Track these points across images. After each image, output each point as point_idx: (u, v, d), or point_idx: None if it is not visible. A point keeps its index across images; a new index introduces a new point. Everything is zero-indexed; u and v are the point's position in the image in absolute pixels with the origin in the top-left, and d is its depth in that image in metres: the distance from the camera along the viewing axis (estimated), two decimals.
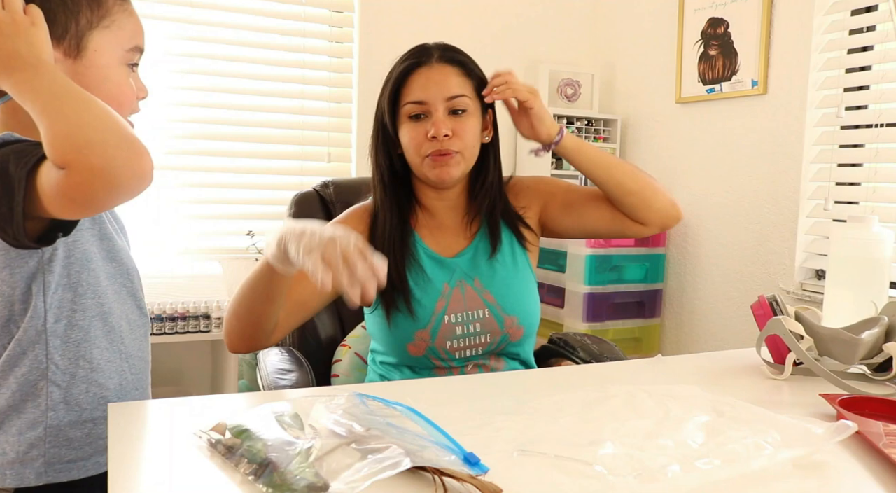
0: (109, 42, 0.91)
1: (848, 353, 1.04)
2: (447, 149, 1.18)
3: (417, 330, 1.20)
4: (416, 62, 1.20)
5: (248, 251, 2.67)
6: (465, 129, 1.20)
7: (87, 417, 0.93)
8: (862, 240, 1.33)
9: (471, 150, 1.22)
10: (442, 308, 1.21)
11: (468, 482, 0.61)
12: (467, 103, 1.20)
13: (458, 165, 1.20)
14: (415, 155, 1.20)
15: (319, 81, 2.80)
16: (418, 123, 1.19)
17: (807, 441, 0.72)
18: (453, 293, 1.23)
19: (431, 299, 1.21)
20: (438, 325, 1.20)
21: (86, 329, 0.93)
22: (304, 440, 0.67)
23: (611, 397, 0.88)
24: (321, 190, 1.58)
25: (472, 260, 1.27)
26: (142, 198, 0.91)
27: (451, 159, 1.19)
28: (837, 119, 2.21)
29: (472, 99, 1.21)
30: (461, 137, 1.19)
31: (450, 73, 1.20)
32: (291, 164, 2.80)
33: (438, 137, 1.17)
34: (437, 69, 1.20)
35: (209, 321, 2.40)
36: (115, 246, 0.97)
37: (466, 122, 1.20)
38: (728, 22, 2.57)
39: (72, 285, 0.91)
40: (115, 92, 0.92)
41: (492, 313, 1.23)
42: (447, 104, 1.19)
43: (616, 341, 2.67)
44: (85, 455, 0.94)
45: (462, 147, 1.20)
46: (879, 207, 2.12)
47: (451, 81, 1.20)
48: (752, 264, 2.51)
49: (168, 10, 2.54)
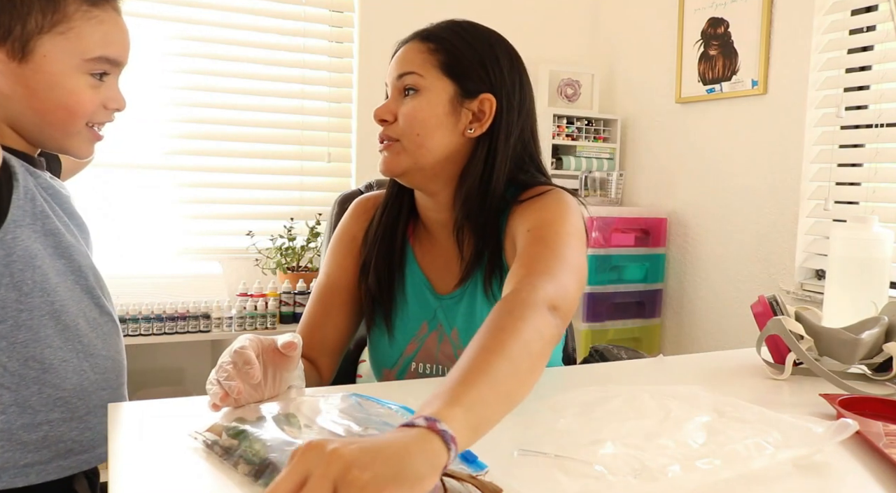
0: (63, 50, 0.88)
1: (848, 353, 1.04)
2: (383, 135, 1.01)
3: (385, 368, 1.10)
4: (403, 40, 1.05)
5: (248, 251, 2.67)
6: (406, 112, 0.99)
7: (43, 419, 0.91)
8: (862, 240, 1.33)
9: (414, 139, 0.98)
10: (412, 352, 1.08)
11: (468, 482, 0.61)
12: (417, 81, 0.99)
13: (398, 156, 1.00)
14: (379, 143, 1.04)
15: (319, 81, 2.80)
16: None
17: (807, 441, 0.71)
18: (428, 338, 1.07)
19: (405, 336, 1.07)
20: (404, 371, 1.09)
21: (34, 329, 0.90)
22: (302, 440, 0.67)
23: (611, 397, 0.88)
24: (365, 190, 1.57)
25: (456, 306, 1.05)
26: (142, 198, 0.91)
27: (388, 148, 1.01)
28: (837, 119, 2.21)
29: (430, 77, 0.99)
30: (401, 121, 0.99)
31: (413, 49, 1.01)
32: (291, 164, 2.79)
33: (375, 120, 1.01)
34: (408, 47, 1.02)
35: (209, 321, 2.40)
36: (64, 242, 0.94)
37: (408, 103, 0.99)
38: (728, 22, 2.57)
39: (15, 284, 0.88)
40: (66, 100, 0.90)
41: None
42: (397, 83, 1.01)
43: (616, 341, 2.67)
44: (44, 459, 0.91)
45: (399, 134, 0.99)
46: (879, 207, 2.12)
47: (407, 57, 1.00)
48: (752, 264, 2.51)
49: (168, 10, 2.54)
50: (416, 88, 0.99)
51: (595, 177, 2.99)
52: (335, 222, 1.48)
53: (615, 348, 1.44)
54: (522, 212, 0.98)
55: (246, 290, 2.52)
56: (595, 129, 3.08)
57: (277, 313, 2.52)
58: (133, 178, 2.54)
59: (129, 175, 2.53)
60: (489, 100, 1.00)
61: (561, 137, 3.00)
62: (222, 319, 2.42)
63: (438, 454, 0.54)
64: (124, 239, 2.52)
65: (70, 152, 0.97)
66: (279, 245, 2.65)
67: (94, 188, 2.45)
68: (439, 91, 0.99)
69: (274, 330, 2.48)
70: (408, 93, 1.00)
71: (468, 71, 1.00)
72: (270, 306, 2.50)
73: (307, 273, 2.62)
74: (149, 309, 2.31)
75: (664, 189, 2.92)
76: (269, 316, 2.49)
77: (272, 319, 2.50)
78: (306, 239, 2.68)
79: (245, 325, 2.44)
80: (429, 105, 0.99)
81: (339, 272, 1.12)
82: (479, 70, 1.01)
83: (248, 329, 2.44)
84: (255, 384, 0.79)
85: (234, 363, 0.77)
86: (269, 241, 2.66)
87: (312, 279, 2.59)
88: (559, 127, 3.00)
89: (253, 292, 2.52)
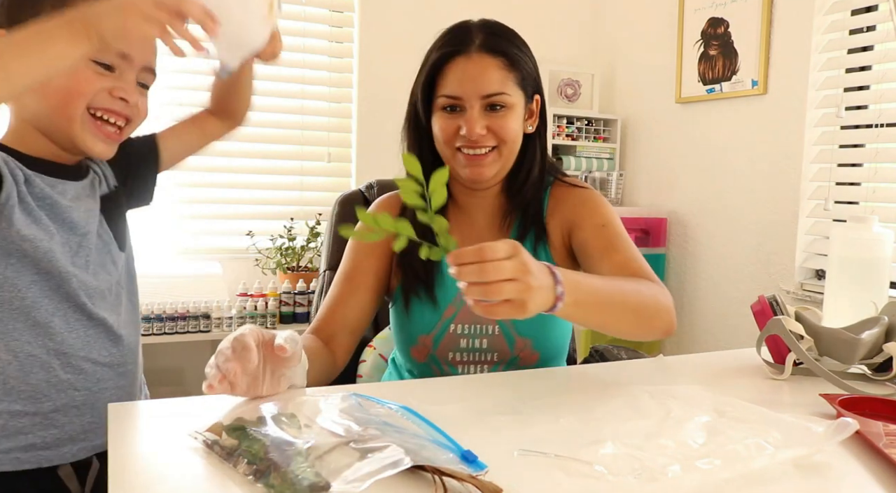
0: None
1: (848, 353, 1.04)
2: (482, 145, 1.09)
3: (421, 335, 1.15)
4: (454, 50, 1.10)
5: (248, 251, 2.67)
6: (502, 126, 1.09)
7: (4, 409, 0.93)
8: (862, 240, 1.33)
9: (509, 146, 1.11)
10: (450, 315, 1.14)
11: (468, 482, 0.61)
12: (506, 100, 1.09)
13: (494, 164, 1.11)
14: (445, 147, 1.12)
15: (319, 81, 2.80)
16: (451, 116, 1.10)
17: (808, 441, 0.71)
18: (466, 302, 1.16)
19: (445, 302, 1.14)
20: (443, 333, 1.14)
21: (3, 321, 0.92)
22: (302, 440, 0.67)
23: (611, 397, 0.88)
24: (366, 191, 1.56)
25: None
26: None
27: (485, 159, 1.10)
28: (837, 119, 2.22)
29: (514, 93, 1.10)
30: (497, 133, 1.09)
31: (489, 66, 1.09)
32: (291, 164, 2.80)
33: (470, 137, 1.08)
34: (475, 61, 1.09)
35: (209, 321, 2.40)
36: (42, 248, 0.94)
37: (504, 118, 1.09)
38: (728, 22, 2.57)
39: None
40: (66, 81, 0.92)
41: (502, 332, 1.14)
42: (483, 101, 1.08)
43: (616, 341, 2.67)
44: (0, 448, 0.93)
45: (498, 143, 1.10)
46: (879, 207, 2.12)
47: (491, 77, 1.08)
48: (752, 264, 2.51)
49: None
50: (504, 106, 1.09)
51: (595, 177, 2.99)
52: (336, 222, 1.48)
53: (615, 348, 1.44)
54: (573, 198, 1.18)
55: (246, 290, 2.52)
56: (595, 129, 3.08)
57: (277, 313, 2.52)
58: None
59: None
60: (538, 99, 1.17)
61: (561, 137, 3.00)
62: (222, 319, 2.42)
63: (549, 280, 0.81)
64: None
65: (82, 148, 0.98)
66: (279, 245, 2.65)
67: None
68: (519, 104, 1.12)
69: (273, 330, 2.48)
70: (496, 108, 1.09)
71: (530, 80, 1.14)
72: (270, 306, 2.50)
73: (307, 273, 2.62)
74: (149, 309, 2.31)
75: (664, 189, 2.91)
76: (269, 316, 2.49)
77: (272, 319, 2.50)
78: (306, 239, 2.68)
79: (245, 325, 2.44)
80: (516, 119, 1.11)
81: (367, 256, 1.16)
82: (535, 76, 1.16)
83: None
84: (252, 376, 0.80)
85: (234, 349, 0.78)
86: (269, 241, 2.66)
87: (312, 279, 2.59)
88: (559, 127, 3.00)
89: (253, 292, 2.52)
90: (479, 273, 0.77)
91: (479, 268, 0.77)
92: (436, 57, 1.11)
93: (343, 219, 1.48)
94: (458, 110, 1.10)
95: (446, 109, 1.10)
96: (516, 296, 0.78)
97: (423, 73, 1.14)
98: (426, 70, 1.13)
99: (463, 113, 1.09)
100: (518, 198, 1.17)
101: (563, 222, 1.18)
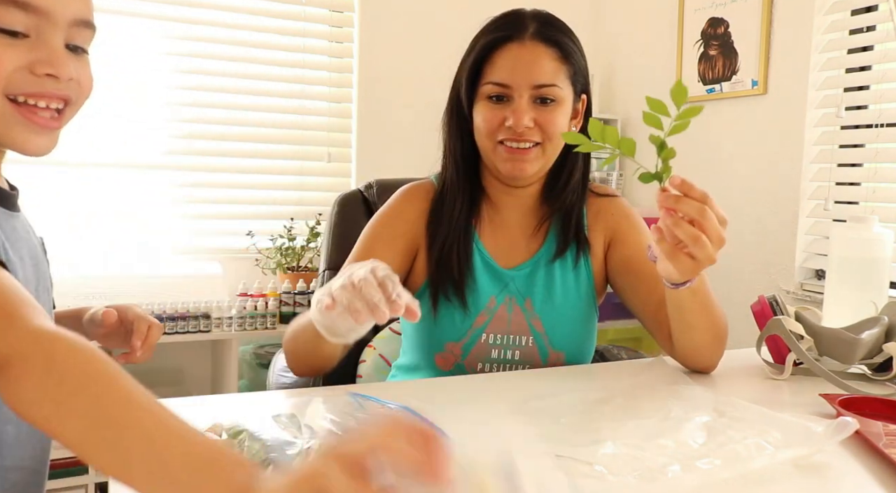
0: None
1: (848, 353, 1.04)
2: (527, 139, 1.03)
3: (449, 342, 1.09)
4: (505, 36, 1.04)
5: (248, 251, 2.67)
6: (551, 120, 1.03)
7: None
8: (862, 240, 1.33)
9: (554, 144, 1.05)
10: (482, 324, 1.09)
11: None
12: (557, 93, 1.03)
13: (537, 161, 1.05)
14: (486, 139, 1.05)
15: (319, 81, 2.80)
16: (496, 106, 1.04)
17: (808, 440, 0.71)
18: (498, 310, 1.09)
19: (476, 309, 1.09)
20: (473, 342, 1.09)
21: None
22: (302, 440, 0.67)
23: (611, 397, 0.88)
24: (364, 191, 1.56)
25: (529, 277, 1.11)
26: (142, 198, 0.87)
27: (527, 154, 1.04)
28: (837, 119, 2.21)
29: (565, 87, 1.05)
30: (544, 128, 1.03)
31: (543, 55, 1.03)
32: (291, 164, 2.79)
33: (517, 129, 1.02)
34: (528, 48, 1.03)
35: (209, 321, 2.40)
36: None
37: (553, 112, 1.04)
38: (728, 22, 2.57)
39: None
40: None
41: (536, 344, 1.10)
42: (534, 92, 1.03)
43: (616, 341, 2.67)
44: None
45: (543, 139, 1.04)
46: (879, 208, 2.12)
47: (544, 66, 1.03)
48: (752, 264, 2.51)
49: (168, 10, 2.54)
50: (554, 99, 1.04)
51: (595, 177, 2.99)
52: (335, 222, 1.48)
53: (615, 348, 1.44)
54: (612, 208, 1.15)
55: (246, 290, 2.52)
56: None
57: (277, 313, 2.52)
58: (133, 178, 2.54)
59: (129, 175, 2.53)
60: (584, 99, 1.12)
61: None
62: (222, 319, 2.42)
63: None
64: (124, 239, 2.52)
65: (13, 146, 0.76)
66: (279, 245, 2.65)
67: (94, 188, 2.45)
68: (568, 100, 1.06)
69: (274, 330, 2.48)
70: (545, 102, 1.03)
71: (580, 76, 1.09)
72: (270, 306, 2.50)
73: (307, 273, 2.62)
74: (149, 309, 2.31)
75: None
76: (270, 316, 2.49)
77: (272, 319, 2.50)
78: (306, 239, 2.68)
79: (245, 325, 2.44)
80: (564, 115, 1.06)
81: (387, 251, 1.10)
82: (585, 73, 1.11)
83: (248, 329, 2.44)
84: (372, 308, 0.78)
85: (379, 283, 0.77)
86: (269, 241, 2.66)
87: (312, 279, 2.59)
88: None
89: (253, 292, 2.52)
90: (700, 213, 0.81)
91: (702, 209, 0.81)
92: (486, 41, 1.04)
93: (342, 219, 1.47)
94: (504, 100, 1.04)
95: (492, 99, 1.04)
96: (705, 255, 0.82)
97: (469, 58, 1.07)
98: (474, 55, 1.06)
99: (509, 103, 1.03)
100: (556, 202, 1.12)
101: (605, 234, 1.15)
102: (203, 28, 2.60)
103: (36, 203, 2.30)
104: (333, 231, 1.47)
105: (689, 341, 1.01)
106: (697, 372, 1.06)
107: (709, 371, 1.06)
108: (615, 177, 2.98)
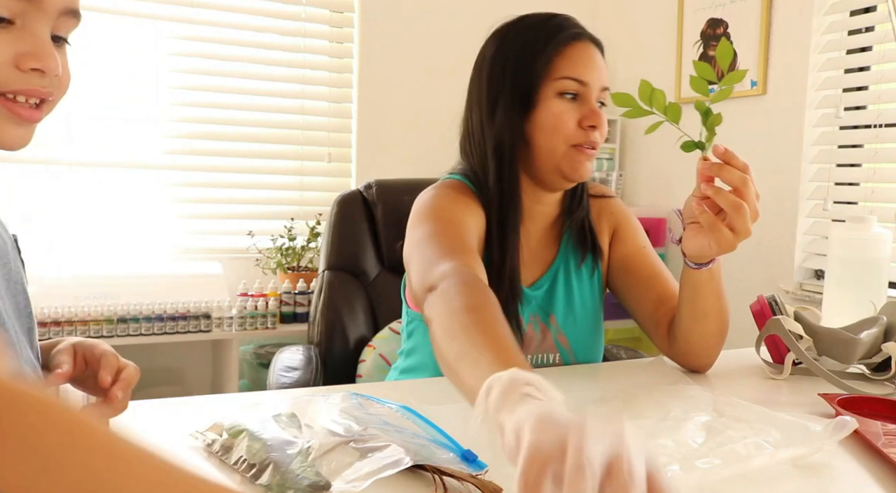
0: None
1: (847, 353, 1.04)
2: (596, 143, 1.00)
3: None
4: (578, 33, 1.01)
5: (248, 251, 2.67)
6: (605, 124, 1.02)
7: None
8: (861, 240, 1.33)
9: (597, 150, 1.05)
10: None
11: (468, 482, 0.61)
12: (607, 97, 1.02)
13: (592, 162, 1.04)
14: (559, 140, 0.98)
15: (319, 81, 2.80)
16: (571, 104, 0.99)
17: (807, 440, 0.72)
18: (527, 330, 1.05)
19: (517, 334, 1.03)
20: None
21: None
22: (302, 440, 0.67)
23: (611, 397, 0.89)
24: (364, 191, 1.56)
25: (549, 292, 1.08)
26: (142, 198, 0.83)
27: (594, 155, 1.01)
28: (836, 119, 2.22)
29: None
30: (603, 134, 1.01)
31: (602, 61, 1.02)
32: (291, 164, 2.80)
33: (598, 128, 0.98)
34: (593, 49, 1.02)
35: (209, 321, 2.40)
36: None
37: (605, 116, 1.02)
38: (727, 22, 2.57)
39: None
40: None
41: (563, 360, 1.07)
42: (600, 94, 1.01)
43: (616, 340, 2.67)
44: None
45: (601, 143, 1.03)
46: (878, 208, 2.12)
47: (605, 68, 1.02)
48: (752, 264, 2.51)
49: (168, 10, 2.54)
50: (605, 104, 1.03)
51: (595, 177, 2.99)
52: (335, 222, 1.48)
53: (615, 348, 1.44)
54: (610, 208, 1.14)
55: (246, 290, 2.52)
56: None
57: (278, 313, 2.52)
58: (133, 177, 2.54)
59: (129, 175, 2.54)
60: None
61: None
62: (222, 319, 2.42)
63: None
64: (124, 239, 2.52)
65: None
66: (279, 245, 2.65)
67: (95, 188, 2.45)
68: None
69: (274, 330, 2.48)
70: (602, 104, 1.02)
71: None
72: (271, 306, 2.50)
73: (307, 273, 2.62)
74: (149, 309, 2.31)
75: (664, 189, 2.92)
76: (270, 316, 2.49)
77: (272, 319, 2.50)
78: (306, 239, 2.68)
79: (245, 325, 2.44)
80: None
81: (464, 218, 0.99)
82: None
83: (249, 329, 2.44)
84: None
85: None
86: (269, 241, 2.67)
87: (312, 279, 2.60)
88: None
89: (253, 292, 2.52)
90: (743, 182, 0.82)
91: (744, 178, 0.82)
92: (563, 35, 0.99)
93: (342, 219, 1.48)
94: (575, 99, 0.99)
95: (565, 95, 0.99)
96: (744, 226, 0.83)
97: (542, 51, 0.98)
98: (549, 46, 0.98)
99: (583, 103, 0.99)
100: (578, 209, 1.10)
101: (608, 235, 1.14)
102: (203, 28, 2.60)
103: (36, 203, 2.31)
104: (333, 231, 1.47)
105: (700, 330, 1.00)
106: (695, 371, 1.07)
107: (706, 369, 1.06)
108: (615, 177, 2.98)
